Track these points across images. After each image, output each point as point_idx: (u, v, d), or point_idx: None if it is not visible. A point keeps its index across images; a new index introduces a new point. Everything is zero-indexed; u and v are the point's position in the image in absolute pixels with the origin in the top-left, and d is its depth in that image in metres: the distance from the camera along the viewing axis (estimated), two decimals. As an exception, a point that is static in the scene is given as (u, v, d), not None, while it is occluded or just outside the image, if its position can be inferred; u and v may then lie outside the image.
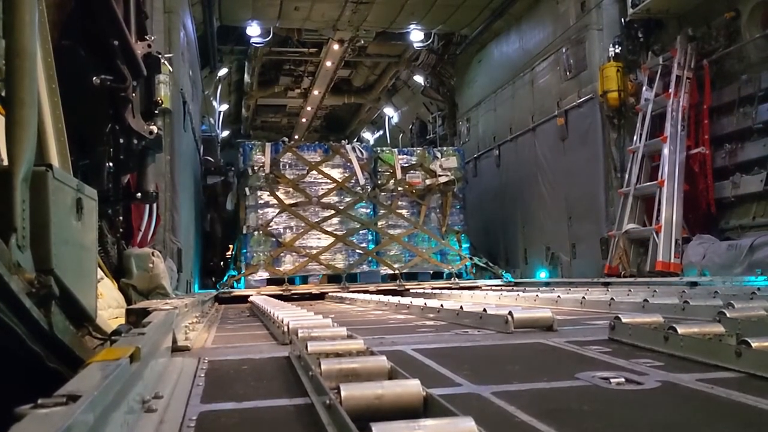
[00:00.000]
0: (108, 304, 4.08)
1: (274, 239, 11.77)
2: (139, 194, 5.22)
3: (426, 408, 1.75)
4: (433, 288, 10.60)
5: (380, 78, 20.55)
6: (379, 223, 12.52)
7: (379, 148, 13.41)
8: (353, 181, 12.38)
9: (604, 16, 10.69)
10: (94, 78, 4.16)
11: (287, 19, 15.16)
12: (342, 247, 12.14)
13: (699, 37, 9.42)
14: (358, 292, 9.92)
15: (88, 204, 2.72)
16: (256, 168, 11.91)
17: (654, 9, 9.64)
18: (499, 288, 10.53)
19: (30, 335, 2.09)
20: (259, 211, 11.84)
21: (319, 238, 12.06)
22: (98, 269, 3.68)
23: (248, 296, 9.20)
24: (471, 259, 13.00)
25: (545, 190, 12.44)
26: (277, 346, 3.57)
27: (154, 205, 6.47)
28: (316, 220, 12.05)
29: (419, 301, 5.78)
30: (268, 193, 11.91)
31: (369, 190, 12.44)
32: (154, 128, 4.98)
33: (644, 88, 10.00)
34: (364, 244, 12.34)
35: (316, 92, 20.53)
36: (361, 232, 12.36)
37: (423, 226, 12.74)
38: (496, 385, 2.26)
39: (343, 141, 13.22)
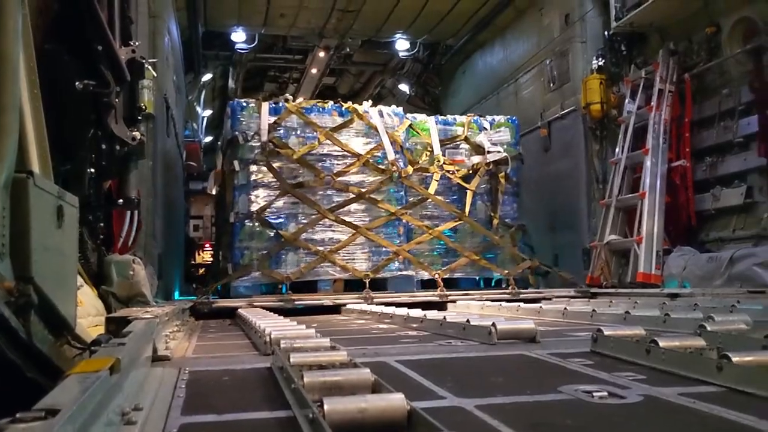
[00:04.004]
0: (87, 312, 4.03)
1: (272, 231, 8.80)
2: (120, 201, 5.18)
3: (410, 422, 1.74)
4: (488, 299, 7.84)
5: (366, 86, 20.58)
6: (409, 212, 9.52)
7: (410, 115, 10.34)
8: (380, 154, 9.40)
9: (587, 29, 10.79)
10: (76, 83, 4.11)
11: (273, 26, 15.16)
12: (364, 243, 9.13)
13: (681, 51, 9.53)
14: (387, 304, 7.38)
15: (69, 211, 2.69)
16: (249, 135, 8.87)
17: (637, 23, 9.75)
18: (573, 298, 8.19)
19: (8, 345, 2.06)
20: (252, 192, 8.84)
21: (333, 231, 9.07)
22: (78, 276, 3.64)
23: (236, 308, 7.07)
24: (532, 261, 9.80)
25: (528, 200, 12.49)
26: (259, 356, 3.54)
27: (136, 211, 6.41)
28: (330, 206, 9.04)
29: (402, 311, 5.76)
30: (265, 168, 8.89)
31: (401, 167, 9.41)
32: (137, 134, 4.95)
33: (627, 101, 10.09)
34: (397, 240, 9.34)
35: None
36: (389, 223, 9.31)
37: (469, 217, 9.79)
38: (480, 398, 2.26)
39: (365, 102, 10.16)
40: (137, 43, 5.10)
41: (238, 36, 15.54)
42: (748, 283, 7.17)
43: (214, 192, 11.74)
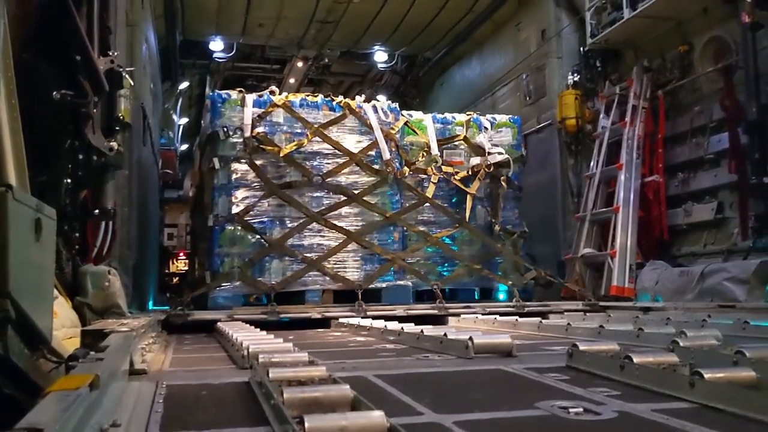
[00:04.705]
0: (62, 323, 3.98)
1: (255, 236, 7.96)
2: (97, 211, 5.13)
3: (390, 439, 1.75)
4: (491, 313, 7.16)
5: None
6: (404, 217, 8.68)
7: (406, 112, 9.57)
8: (373, 153, 8.60)
9: (563, 45, 10.98)
10: (54, 93, 4.09)
11: (251, 36, 15.17)
12: (357, 250, 8.32)
13: (654, 68, 9.72)
14: (382, 317, 6.49)
15: (47, 224, 2.67)
16: (230, 130, 8.06)
17: (612, 40, 9.92)
18: (582, 312, 7.49)
19: (-16, 361, 2.04)
20: (233, 193, 8.02)
21: (322, 236, 8.23)
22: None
23: (214, 321, 6.34)
24: (537, 271, 8.92)
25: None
26: (237, 370, 3.52)
27: (111, 221, 6.35)
28: (319, 209, 8.21)
29: (379, 323, 5.77)
30: (247, 166, 8.05)
31: (397, 168, 8.61)
32: (115, 144, 4.92)
33: (601, 116, 10.25)
34: (392, 248, 8.50)
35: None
36: (383, 229, 8.50)
37: (468, 223, 8.98)
38: (458, 414, 2.28)
39: (358, 96, 9.26)
40: (116, 53, 5.08)
41: (216, 45, 15.53)
42: (719, 297, 7.31)
43: (191, 194, 10.49)
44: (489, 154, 9.23)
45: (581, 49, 10.71)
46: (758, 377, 2.43)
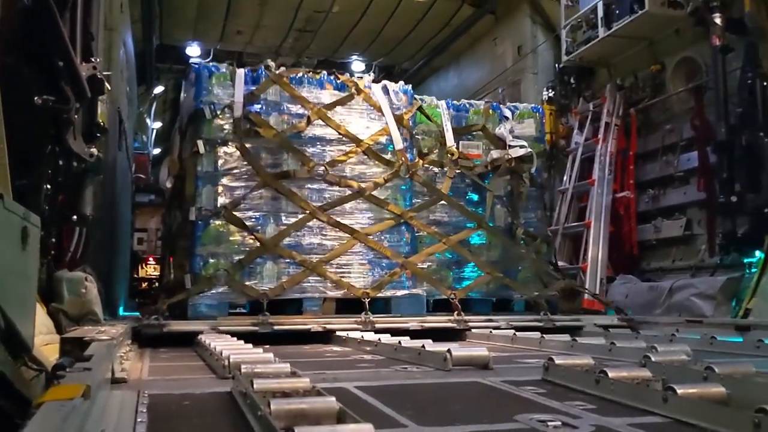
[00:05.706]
0: (38, 330, 3.93)
1: (245, 234, 6.85)
2: (75, 217, 5.10)
3: (378, 452, 1.77)
4: (521, 328, 6.36)
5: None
6: (414, 215, 7.59)
7: (419, 97, 8.46)
8: (384, 141, 7.60)
9: (539, 61, 11.18)
10: (36, 98, 4.06)
11: (229, 42, 15.14)
12: (364, 253, 7.24)
13: (627, 86, 9.93)
14: (392, 331, 5.82)
15: (33, 232, 2.67)
16: (218, 108, 7.04)
17: (586, 58, 10.11)
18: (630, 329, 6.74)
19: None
20: (220, 182, 6.92)
21: (324, 236, 7.15)
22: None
23: (195, 333, 5.60)
24: (566, 281, 8.22)
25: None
26: (217, 380, 3.53)
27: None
28: (321, 203, 7.18)
29: (356, 334, 5.79)
30: (237, 152, 6.96)
31: (411, 159, 7.67)
32: (95, 150, 4.90)
33: (575, 132, 10.44)
34: (406, 249, 7.47)
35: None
36: (393, 228, 7.43)
37: (488, 224, 8.01)
38: (440, 426, 2.33)
39: (366, 75, 8.43)
40: (98, 60, 5.06)
41: (193, 50, 15.45)
42: (686, 312, 7.47)
43: (168, 185, 8.72)
44: (510, 147, 8.26)
45: (556, 65, 10.90)
46: (728, 393, 2.53)
